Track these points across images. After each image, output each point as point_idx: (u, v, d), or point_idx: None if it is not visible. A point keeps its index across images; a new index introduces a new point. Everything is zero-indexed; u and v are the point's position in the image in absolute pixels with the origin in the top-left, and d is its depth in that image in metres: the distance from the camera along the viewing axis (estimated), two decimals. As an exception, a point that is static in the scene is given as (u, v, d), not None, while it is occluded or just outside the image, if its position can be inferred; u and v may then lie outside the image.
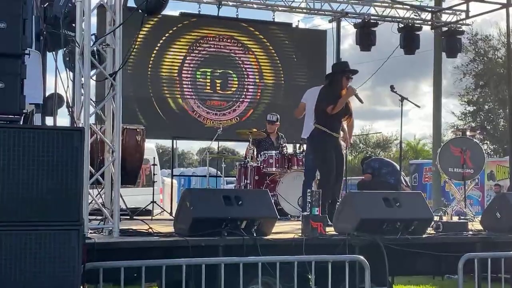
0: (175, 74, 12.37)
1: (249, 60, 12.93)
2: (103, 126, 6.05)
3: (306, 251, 5.34)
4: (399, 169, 9.58)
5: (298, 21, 18.51)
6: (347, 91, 7.41)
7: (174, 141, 12.59)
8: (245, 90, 12.84)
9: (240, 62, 12.86)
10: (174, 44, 12.42)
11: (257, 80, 12.97)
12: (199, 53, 12.51)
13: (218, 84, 12.67)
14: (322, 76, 13.20)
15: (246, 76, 12.88)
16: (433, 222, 6.32)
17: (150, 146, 12.72)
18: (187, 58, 12.47)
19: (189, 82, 12.45)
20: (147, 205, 9.21)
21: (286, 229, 6.45)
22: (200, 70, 12.51)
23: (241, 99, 12.77)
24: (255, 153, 9.59)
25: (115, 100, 5.78)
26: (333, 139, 7.43)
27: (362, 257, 5.05)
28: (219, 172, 12.59)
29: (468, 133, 10.84)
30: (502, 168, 20.68)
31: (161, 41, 12.30)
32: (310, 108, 8.02)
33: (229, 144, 43.56)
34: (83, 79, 5.65)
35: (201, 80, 12.54)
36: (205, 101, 12.53)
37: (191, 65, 12.47)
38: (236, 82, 12.78)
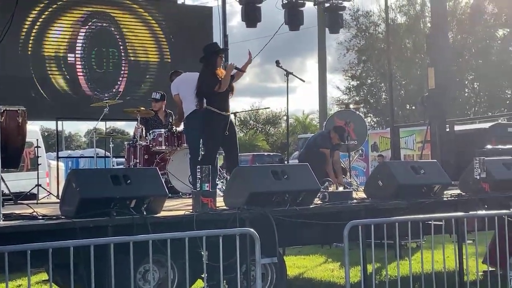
0: (61, 53, 12.00)
1: (134, 38, 12.72)
2: (-20, 108, 5.77)
3: (197, 226, 5.35)
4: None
5: (184, -3, 18.31)
6: (228, 67, 7.72)
7: (60, 123, 12.23)
8: (127, 68, 12.62)
9: (124, 40, 12.62)
10: (57, 22, 12.01)
11: (143, 59, 12.79)
12: (86, 31, 12.19)
13: (104, 62, 12.41)
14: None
15: (128, 54, 12.66)
16: (319, 193, 6.49)
17: (34, 129, 12.29)
18: (73, 36, 12.12)
19: (79, 61, 12.13)
20: (32, 189, 8.91)
21: (177, 207, 6.44)
22: (90, 48, 12.21)
23: (123, 78, 12.56)
24: (143, 132, 9.47)
25: (-8, 80, 5.52)
26: (222, 117, 7.70)
27: (252, 230, 5.11)
28: (107, 153, 12.35)
29: (351, 106, 11.23)
30: (384, 139, 21.57)
31: (42, 19, 11.86)
32: (185, 94, 8.31)
33: (119, 125, 42.83)
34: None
35: (92, 58, 12.24)
36: (94, 80, 12.24)
37: (80, 44, 12.15)
38: (118, 60, 12.54)
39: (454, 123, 12.42)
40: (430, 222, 6.01)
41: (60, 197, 6.24)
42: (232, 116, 8.09)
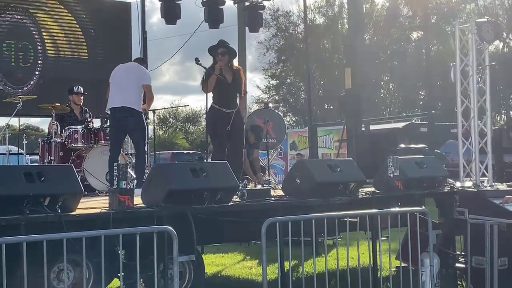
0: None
1: (51, 33, 12.38)
2: None
3: (113, 225, 5.27)
4: None
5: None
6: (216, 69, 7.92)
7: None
8: (42, 63, 12.26)
9: (41, 34, 12.26)
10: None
11: (60, 54, 12.46)
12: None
13: (18, 56, 12.03)
14: (127, 50, 13.08)
15: (44, 49, 12.30)
16: (238, 191, 6.51)
17: None
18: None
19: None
20: None
21: (93, 205, 6.31)
22: (3, 41, 11.81)
23: (38, 73, 12.20)
24: (58, 128, 9.24)
25: None
26: (224, 113, 7.85)
27: (170, 227, 5.07)
28: (21, 150, 11.97)
29: (271, 105, 11.35)
30: (303, 138, 21.89)
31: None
32: (114, 84, 8.12)
33: (33, 121, 41.66)
34: None
35: (5, 52, 11.82)
36: (7, 74, 11.84)
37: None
38: (32, 55, 12.19)
39: (370, 122, 12.75)
40: (345, 219, 6.12)
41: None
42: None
